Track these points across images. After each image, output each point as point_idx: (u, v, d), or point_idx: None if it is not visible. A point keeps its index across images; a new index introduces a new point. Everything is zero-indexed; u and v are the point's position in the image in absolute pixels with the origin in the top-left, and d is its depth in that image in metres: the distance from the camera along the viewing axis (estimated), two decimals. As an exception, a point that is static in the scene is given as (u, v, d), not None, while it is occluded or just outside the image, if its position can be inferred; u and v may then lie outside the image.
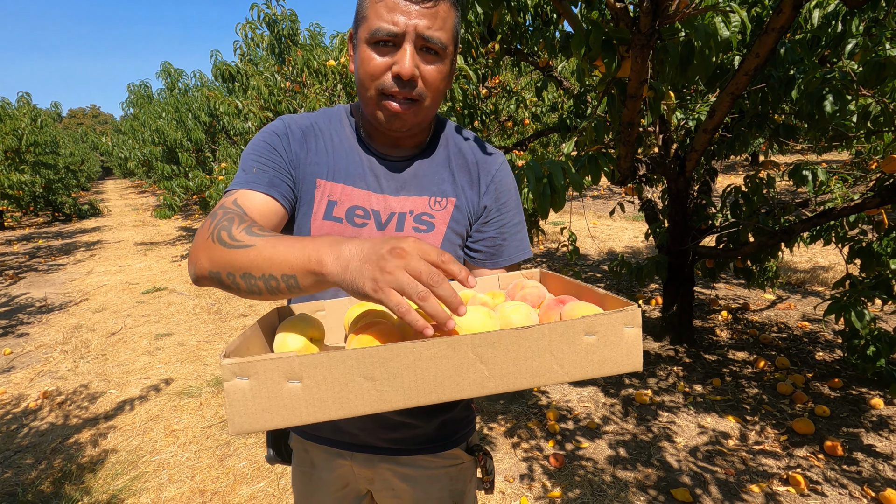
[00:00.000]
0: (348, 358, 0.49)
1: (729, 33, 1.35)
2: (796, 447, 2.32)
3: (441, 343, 0.51)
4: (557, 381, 0.55)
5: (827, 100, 1.82)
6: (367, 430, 0.90)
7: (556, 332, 0.54)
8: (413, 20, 0.72)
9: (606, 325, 0.55)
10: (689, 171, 2.47)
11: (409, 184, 0.86)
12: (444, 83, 0.79)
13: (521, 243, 0.92)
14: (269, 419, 0.49)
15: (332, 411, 0.51)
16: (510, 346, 0.53)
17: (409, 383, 0.51)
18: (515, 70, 4.59)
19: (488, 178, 0.89)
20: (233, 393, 0.49)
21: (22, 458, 2.59)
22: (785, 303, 4.09)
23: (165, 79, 7.77)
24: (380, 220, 0.84)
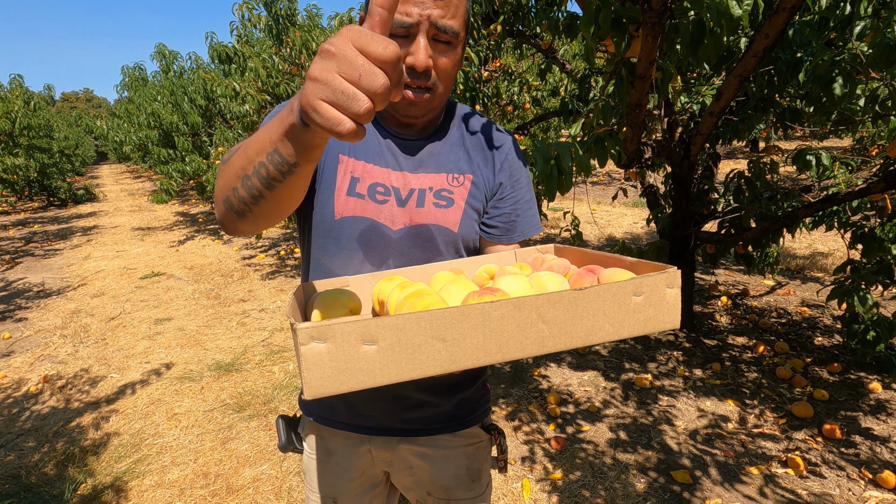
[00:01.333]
0: (421, 320, 0.51)
1: (741, 11, 1.32)
2: (795, 430, 2.34)
3: (508, 304, 0.53)
4: (608, 338, 0.58)
5: (836, 82, 1.80)
6: (388, 411, 0.91)
7: (609, 293, 0.58)
8: (427, 10, 0.72)
9: (652, 286, 0.59)
10: (694, 155, 2.45)
11: (427, 162, 0.87)
12: (455, 69, 0.80)
13: (532, 219, 0.94)
14: (345, 381, 0.50)
15: (405, 372, 0.52)
16: (569, 305, 0.56)
17: (478, 343, 0.53)
18: (517, 52, 4.52)
19: (502, 157, 0.91)
20: (310, 357, 0.49)
21: (24, 441, 2.59)
22: (784, 288, 4.11)
23: (160, 61, 7.64)
24: (400, 196, 0.85)
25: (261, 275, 5.46)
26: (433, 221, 0.86)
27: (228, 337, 3.82)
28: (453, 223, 0.87)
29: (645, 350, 3.21)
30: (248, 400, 2.88)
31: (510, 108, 5.11)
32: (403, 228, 0.85)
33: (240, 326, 4.03)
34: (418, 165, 0.87)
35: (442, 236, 0.87)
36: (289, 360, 3.37)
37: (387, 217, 0.84)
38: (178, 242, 7.29)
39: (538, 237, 6.29)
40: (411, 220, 0.85)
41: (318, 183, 0.85)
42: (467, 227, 0.88)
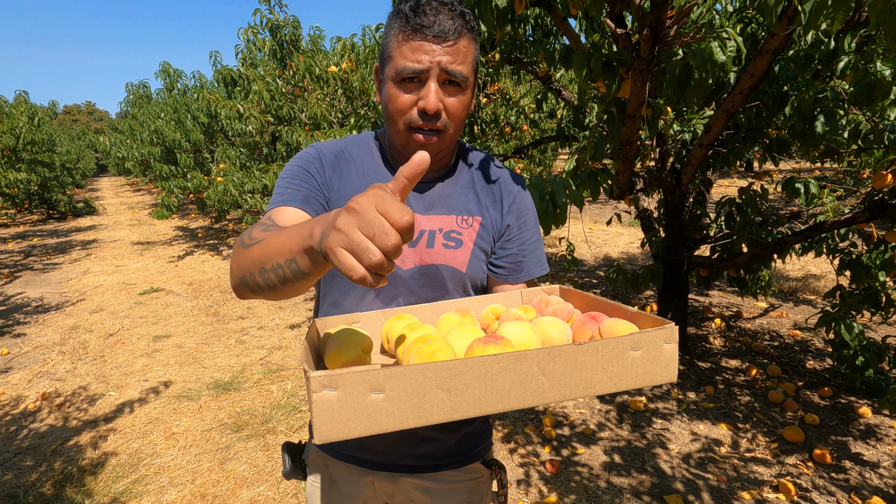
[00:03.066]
0: (427, 370, 0.54)
1: (725, 58, 1.40)
2: (786, 455, 2.37)
3: (509, 357, 0.56)
4: (606, 391, 0.61)
5: (818, 120, 1.88)
6: (394, 446, 0.94)
7: (608, 347, 0.61)
8: (437, 57, 0.77)
9: (650, 341, 0.62)
10: (685, 184, 2.52)
11: (437, 204, 0.91)
12: (465, 112, 0.85)
13: (539, 259, 0.98)
14: (354, 427, 0.53)
15: (410, 420, 0.55)
16: (569, 359, 0.59)
17: (480, 393, 0.56)
18: (514, 77, 4.64)
19: (510, 199, 0.95)
20: (321, 404, 0.52)
21: (22, 460, 2.60)
22: (777, 311, 4.16)
23: (164, 79, 7.77)
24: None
25: (259, 292, 5.48)
26: (442, 262, 0.90)
27: (227, 355, 3.84)
28: (462, 263, 0.91)
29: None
30: (247, 420, 2.89)
31: (508, 130, 5.21)
32: (413, 268, 0.89)
33: (238, 344, 4.05)
34: (429, 207, 0.91)
35: (450, 276, 0.91)
36: (287, 379, 3.39)
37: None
38: (178, 258, 7.33)
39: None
40: (421, 260, 0.89)
41: None
42: (475, 268, 0.93)
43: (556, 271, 5.70)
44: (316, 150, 0.91)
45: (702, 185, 3.17)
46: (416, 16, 0.77)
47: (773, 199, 9.08)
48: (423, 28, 0.76)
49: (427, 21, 0.76)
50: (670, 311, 3.38)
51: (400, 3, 0.80)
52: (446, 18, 0.77)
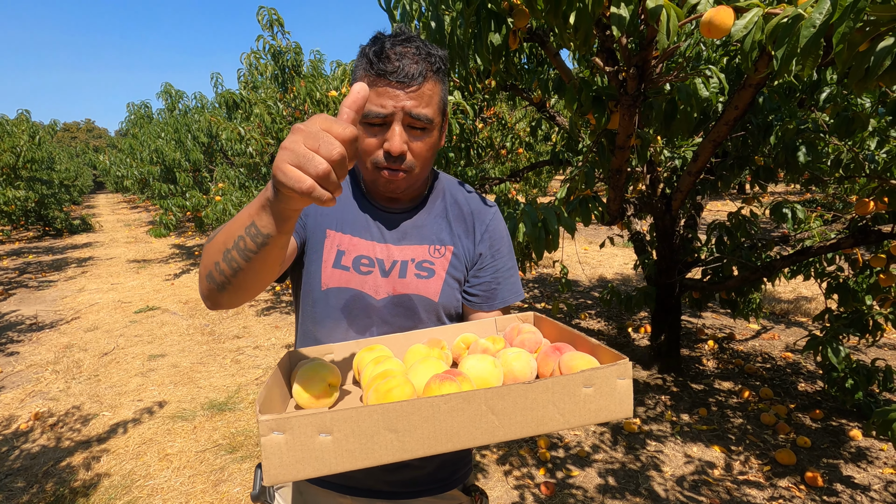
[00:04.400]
0: (374, 413, 0.55)
1: (708, 93, 1.48)
2: (779, 477, 2.39)
3: (457, 398, 0.57)
4: (558, 428, 0.62)
5: (800, 150, 1.96)
6: (371, 474, 0.93)
7: (559, 385, 0.61)
8: (400, 102, 0.79)
9: (602, 378, 0.63)
10: (675, 209, 2.60)
11: (410, 234, 0.93)
12: (431, 152, 0.87)
13: (514, 286, 0.99)
14: (302, 469, 0.54)
15: (359, 461, 0.56)
16: (518, 398, 0.59)
17: (429, 434, 0.57)
18: (510, 103, 4.75)
19: (483, 228, 0.97)
20: (270, 447, 0.53)
21: (13, 481, 2.58)
22: (769, 333, 4.21)
23: (166, 100, 7.89)
24: (384, 267, 0.90)
25: (256, 311, 5.49)
26: (414, 291, 0.91)
27: (222, 375, 3.83)
28: (434, 293, 0.92)
29: (634, 394, 3.26)
30: (241, 441, 2.89)
31: (504, 152, 5.32)
32: (386, 298, 0.90)
33: (234, 364, 4.05)
34: (402, 237, 0.93)
35: (423, 305, 0.92)
36: (282, 399, 3.39)
37: (371, 287, 0.89)
38: (174, 276, 7.32)
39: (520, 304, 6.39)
40: (394, 290, 0.90)
41: (307, 256, 0.91)
42: (448, 296, 0.94)
43: (550, 292, 5.74)
44: None
45: (692, 210, 3.24)
46: (380, 61, 0.79)
47: (764, 223, 9.21)
48: (386, 73, 0.78)
49: (391, 66, 0.78)
50: (663, 332, 3.43)
51: (367, 46, 0.82)
52: (410, 63, 0.79)
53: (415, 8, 1.67)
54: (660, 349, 3.48)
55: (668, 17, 1.14)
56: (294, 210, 0.58)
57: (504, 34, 1.48)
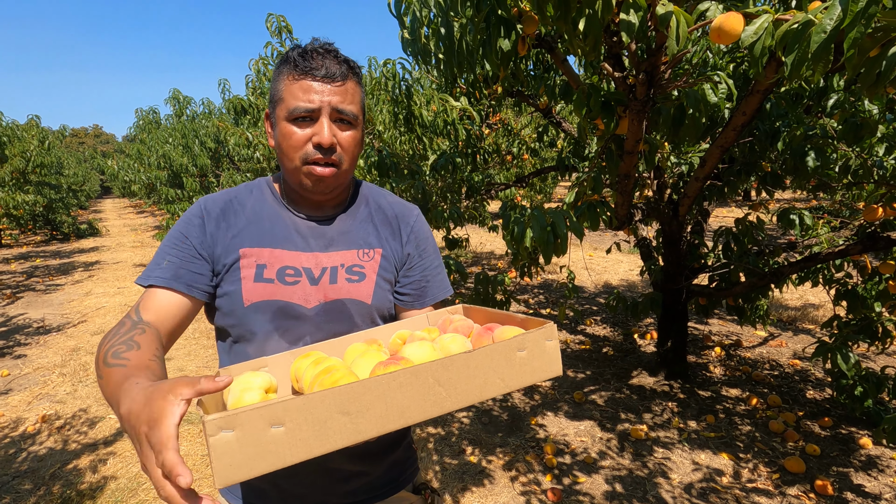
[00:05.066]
0: (326, 398, 0.55)
1: (717, 99, 1.48)
2: (788, 486, 2.37)
3: (405, 373, 0.59)
4: (500, 392, 0.66)
5: (809, 156, 1.96)
6: (320, 488, 0.92)
7: (496, 352, 0.66)
8: (327, 97, 0.83)
9: (533, 341, 0.68)
10: (682, 215, 2.59)
11: (337, 240, 0.94)
12: (357, 148, 0.90)
13: (442, 283, 1.03)
14: (256, 466, 0.52)
15: (315, 449, 0.55)
16: (461, 368, 0.63)
17: (381, 412, 0.58)
18: (516, 109, 4.77)
19: (408, 229, 1.00)
20: (219, 447, 0.50)
21: (20, 483, 2.59)
22: (776, 340, 4.18)
23: (174, 105, 7.97)
24: (312, 275, 0.90)
25: (261, 315, 5.50)
26: (347, 296, 0.91)
27: (228, 379, 3.84)
28: (367, 296, 0.93)
29: (640, 400, 3.25)
30: (247, 444, 2.88)
31: (509, 158, 5.34)
32: (318, 305, 0.89)
33: (239, 368, 4.05)
34: (329, 244, 0.93)
35: (357, 309, 0.92)
36: (288, 403, 3.39)
37: (300, 297, 0.89)
38: (180, 280, 7.36)
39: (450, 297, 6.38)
40: (325, 297, 0.90)
41: (221, 284, 0.89)
42: (381, 298, 0.95)
43: (555, 298, 5.73)
44: (199, 208, 0.91)
45: (699, 216, 3.24)
46: (305, 60, 0.83)
47: (770, 229, 9.18)
48: (312, 70, 0.82)
49: (316, 65, 0.83)
50: (670, 338, 3.41)
51: (288, 53, 0.86)
52: (333, 63, 0.84)
53: (424, 14, 1.69)
54: (666, 355, 3.47)
55: (677, 23, 1.15)
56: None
57: (513, 40, 1.49)
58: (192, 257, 0.87)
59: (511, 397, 3.37)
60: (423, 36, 1.74)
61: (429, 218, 2.84)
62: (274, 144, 0.91)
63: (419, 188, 2.65)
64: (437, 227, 2.91)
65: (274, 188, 0.97)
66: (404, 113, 2.88)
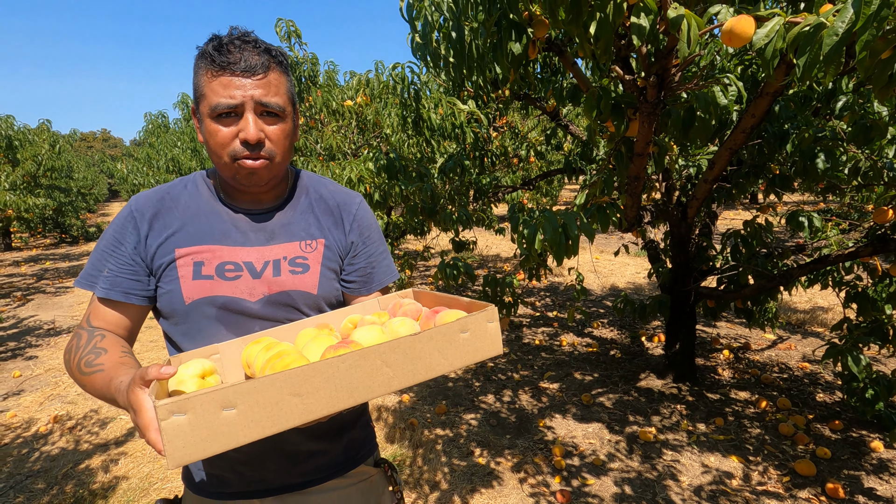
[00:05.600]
0: (276, 380, 0.58)
1: (727, 101, 1.49)
2: (798, 489, 2.36)
3: (354, 356, 0.63)
4: (445, 371, 0.70)
5: (819, 157, 1.96)
6: (280, 470, 0.93)
7: (440, 334, 0.70)
8: (249, 91, 0.80)
9: (475, 323, 0.73)
10: (691, 217, 2.60)
11: (278, 233, 0.93)
12: (288, 139, 0.88)
13: (388, 268, 1.04)
14: (208, 447, 0.55)
15: (266, 429, 0.58)
16: (407, 349, 0.67)
17: (331, 393, 0.61)
18: (523, 112, 4.79)
19: (350, 218, 1.00)
20: (171, 430, 0.53)
21: (33, 482, 2.62)
22: (785, 343, 4.16)
23: (183, 109, 8.05)
24: (254, 269, 0.89)
25: (269, 317, 5.54)
26: (291, 287, 0.91)
27: (236, 380, 3.87)
28: (312, 286, 0.92)
29: (648, 403, 3.24)
30: (256, 445, 2.90)
31: (516, 161, 5.35)
32: (262, 298, 0.89)
33: (248, 370, 4.08)
34: (270, 238, 0.92)
35: (303, 300, 0.92)
36: (296, 405, 3.41)
37: (243, 291, 0.88)
38: (188, 283, 7.41)
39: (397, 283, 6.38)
40: (269, 290, 0.89)
41: (160, 285, 0.88)
42: (327, 287, 0.95)
43: (562, 300, 5.73)
44: (129, 209, 0.90)
45: (707, 218, 3.24)
46: (222, 54, 0.80)
47: (778, 231, 9.13)
48: (230, 65, 0.79)
49: (234, 58, 0.79)
50: (678, 341, 3.41)
51: (205, 45, 0.83)
52: (252, 55, 0.81)
53: (435, 19, 1.71)
54: (674, 358, 3.46)
55: (688, 26, 1.17)
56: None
57: (524, 44, 1.51)
58: (127, 264, 0.87)
59: (518, 399, 3.38)
60: (433, 40, 1.76)
61: (437, 220, 2.86)
62: (202, 140, 0.88)
63: (428, 190, 2.67)
64: (446, 230, 2.92)
65: (209, 183, 0.95)
66: (413, 116, 2.90)
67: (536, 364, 3.97)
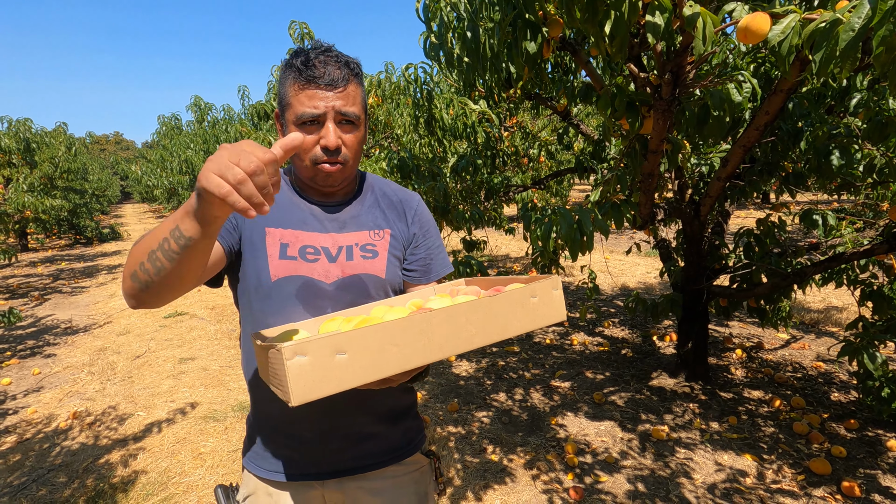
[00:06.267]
0: (379, 330, 0.65)
1: (741, 98, 1.50)
2: (814, 487, 2.35)
3: (442, 312, 0.70)
4: (517, 332, 0.78)
5: (833, 154, 1.96)
6: (341, 450, 1.00)
7: (514, 297, 0.77)
8: (330, 102, 0.89)
9: (543, 289, 0.81)
10: (704, 215, 2.60)
11: (349, 223, 1.03)
12: (360, 145, 0.98)
13: (444, 260, 1.14)
14: (324, 387, 0.61)
15: (371, 374, 0.65)
16: (487, 309, 0.75)
17: (424, 345, 0.68)
18: (533, 112, 4.80)
19: (412, 212, 1.10)
20: (294, 369, 0.59)
21: (55, 476, 2.68)
22: (799, 342, 4.13)
23: (195, 111, 8.16)
24: (330, 254, 0.99)
25: (281, 316, 5.59)
26: (363, 271, 1.00)
27: (250, 378, 3.92)
28: (381, 270, 1.02)
29: (661, 401, 3.24)
30: (271, 441, 2.95)
31: (525, 161, 5.36)
32: (337, 280, 0.98)
33: (261, 368, 4.13)
34: (342, 227, 1.02)
35: (373, 283, 1.01)
36: (310, 402, 3.45)
37: (320, 273, 0.97)
38: (200, 282, 7.50)
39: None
40: (343, 273, 0.98)
41: (246, 256, 0.97)
42: (392, 273, 1.04)
43: (572, 300, 5.73)
44: None
45: (720, 216, 3.23)
46: (308, 69, 0.89)
47: (791, 231, 9.04)
48: (315, 79, 0.88)
49: (318, 73, 0.88)
50: (690, 340, 3.40)
51: (292, 59, 0.92)
52: (334, 69, 0.90)
53: (451, 19, 1.74)
54: (686, 357, 3.45)
55: (704, 24, 1.18)
56: (215, 216, 0.63)
57: (539, 43, 1.53)
58: (230, 228, 0.95)
59: (530, 397, 3.39)
60: (449, 40, 1.79)
61: (449, 219, 2.88)
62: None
63: (440, 190, 2.70)
64: (458, 229, 2.95)
65: (287, 179, 1.05)
66: (426, 116, 2.93)
67: (548, 363, 3.98)
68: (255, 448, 1.04)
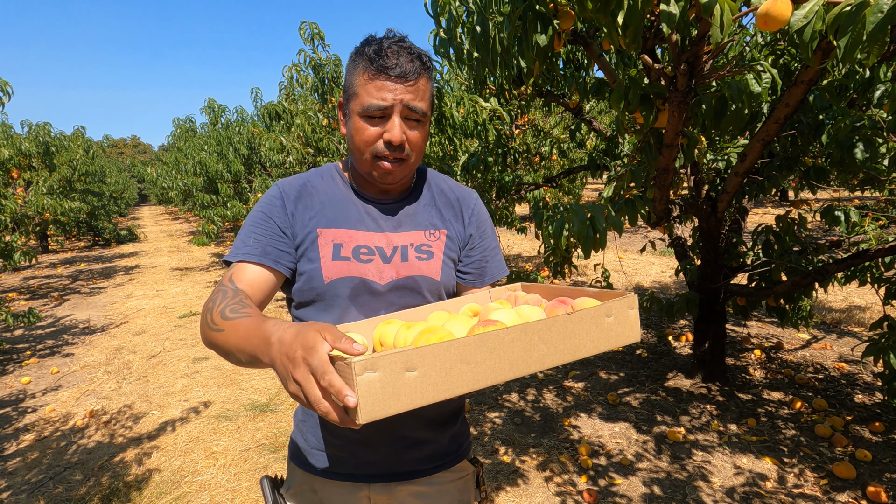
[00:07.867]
0: (451, 347, 0.61)
1: (760, 89, 1.45)
2: (837, 492, 2.27)
3: (516, 330, 0.66)
4: (590, 353, 0.72)
5: (857, 147, 1.89)
6: (391, 454, 0.97)
7: (589, 316, 0.72)
8: (399, 95, 0.85)
9: (619, 308, 0.75)
10: (721, 211, 2.53)
11: (405, 222, 0.99)
12: (424, 142, 0.94)
13: (500, 264, 1.09)
14: (393, 405, 0.58)
15: (440, 393, 0.61)
16: (562, 328, 0.70)
17: (495, 364, 0.64)
18: (545, 109, 4.75)
19: (469, 212, 1.06)
20: (365, 385, 0.56)
21: (71, 474, 2.71)
22: (820, 343, 4.02)
23: (209, 114, 8.24)
24: (384, 254, 0.96)
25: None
26: (418, 273, 0.97)
27: (263, 377, 3.93)
28: (436, 272, 0.98)
29: (677, 403, 3.17)
30: (283, 441, 2.95)
31: (537, 160, 5.31)
32: (391, 282, 0.95)
33: (274, 367, 4.14)
34: (398, 226, 0.98)
35: (427, 285, 0.97)
36: (321, 402, 3.44)
37: (374, 273, 0.94)
38: (215, 283, 7.57)
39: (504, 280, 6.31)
40: (398, 274, 0.95)
41: (301, 261, 0.95)
42: (447, 275, 1.00)
43: (586, 300, 5.65)
44: (278, 190, 0.97)
45: (737, 213, 3.15)
46: (380, 58, 0.85)
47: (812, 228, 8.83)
48: (386, 69, 0.84)
49: (390, 63, 0.84)
50: (707, 340, 3.32)
51: (363, 47, 0.88)
52: (406, 61, 0.85)
53: (460, 13, 1.71)
54: (703, 357, 3.38)
55: (721, 11, 1.14)
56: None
57: (550, 35, 1.50)
58: (276, 235, 0.93)
59: (543, 398, 3.35)
60: (458, 35, 1.76)
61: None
62: (346, 133, 0.95)
63: (451, 188, 2.66)
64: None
65: (343, 175, 1.02)
66: (436, 114, 2.90)
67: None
68: (302, 444, 1.02)
